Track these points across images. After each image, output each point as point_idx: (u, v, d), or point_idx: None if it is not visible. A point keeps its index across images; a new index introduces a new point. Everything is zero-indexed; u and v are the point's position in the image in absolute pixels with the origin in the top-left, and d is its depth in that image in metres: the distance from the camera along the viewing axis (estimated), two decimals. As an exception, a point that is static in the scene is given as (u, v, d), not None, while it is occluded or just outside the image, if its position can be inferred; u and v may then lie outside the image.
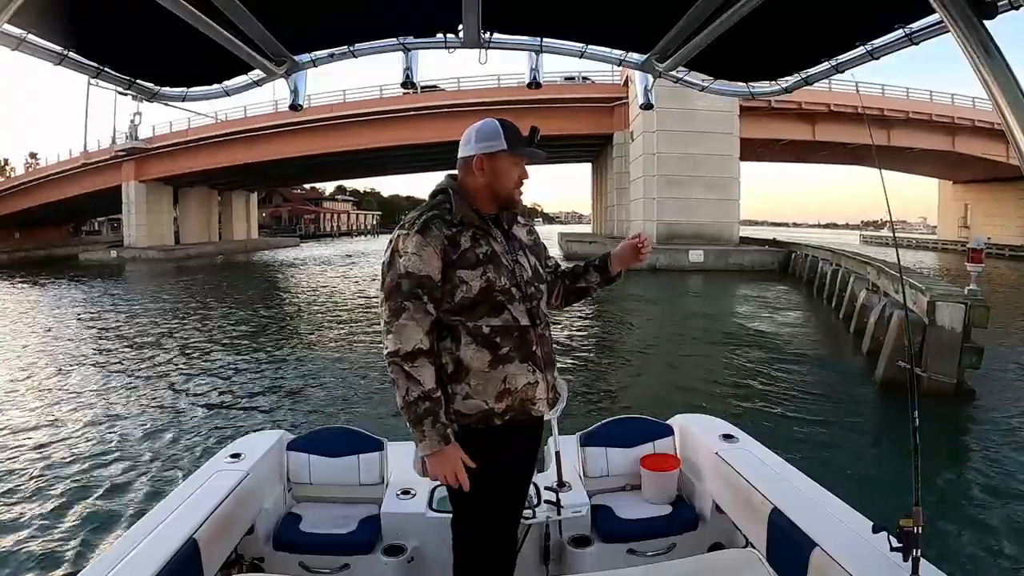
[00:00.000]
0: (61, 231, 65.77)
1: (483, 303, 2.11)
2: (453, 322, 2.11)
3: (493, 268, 2.12)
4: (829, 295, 20.36)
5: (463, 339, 2.10)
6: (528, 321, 2.17)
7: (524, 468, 2.34)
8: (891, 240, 70.11)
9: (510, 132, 2.17)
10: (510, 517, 2.34)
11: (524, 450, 2.30)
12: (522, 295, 2.17)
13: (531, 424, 2.24)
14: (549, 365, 2.25)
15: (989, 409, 9.45)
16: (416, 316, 2.05)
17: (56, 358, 13.49)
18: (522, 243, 2.30)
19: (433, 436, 2.04)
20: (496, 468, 2.14)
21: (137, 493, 6.52)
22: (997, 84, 1.28)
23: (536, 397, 2.19)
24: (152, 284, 31.03)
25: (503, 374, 2.12)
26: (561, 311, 2.58)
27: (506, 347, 2.12)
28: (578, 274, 2.50)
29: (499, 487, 2.20)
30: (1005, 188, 51.81)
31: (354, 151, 47.05)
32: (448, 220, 2.13)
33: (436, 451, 2.05)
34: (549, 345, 2.27)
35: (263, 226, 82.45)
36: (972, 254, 11.61)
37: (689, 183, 35.59)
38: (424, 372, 2.04)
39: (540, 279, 2.30)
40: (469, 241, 2.13)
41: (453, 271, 2.09)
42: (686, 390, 10.60)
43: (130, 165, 50.55)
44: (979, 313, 9.90)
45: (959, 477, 6.92)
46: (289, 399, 10.33)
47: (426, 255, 2.06)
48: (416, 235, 2.08)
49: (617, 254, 2.45)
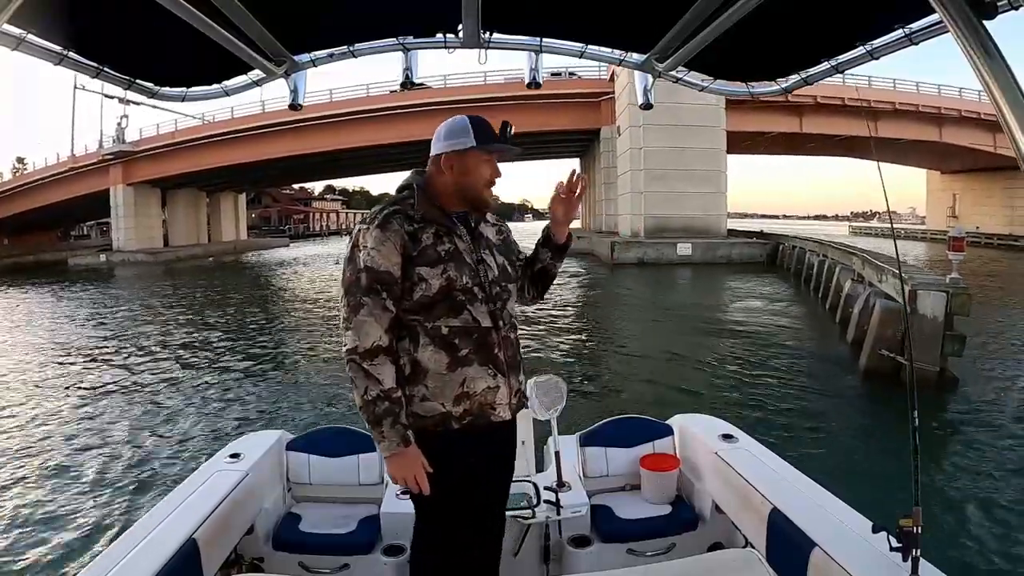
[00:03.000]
0: (50, 236, 65.31)
1: (442, 302, 2.06)
2: (411, 322, 2.07)
3: (455, 266, 2.08)
4: (816, 286, 20.44)
5: (421, 340, 2.06)
6: (490, 323, 2.11)
7: (489, 474, 2.23)
8: (879, 231, 70.51)
9: (480, 128, 2.12)
10: (475, 525, 2.23)
11: (487, 456, 2.19)
12: (485, 295, 2.12)
13: (491, 429, 2.16)
14: (513, 369, 2.18)
15: (971, 397, 9.50)
16: (375, 312, 2.00)
17: (45, 364, 13.43)
18: (489, 242, 2.24)
19: (393, 437, 1.99)
20: (455, 474, 2.09)
21: (137, 493, 6.52)
22: (997, 84, 1.27)
23: (496, 402, 2.12)
24: (142, 288, 30.82)
25: (461, 377, 2.06)
26: (540, 301, 2.52)
27: (465, 349, 2.07)
28: (532, 258, 2.41)
29: (458, 494, 2.13)
30: (992, 178, 52.10)
31: (342, 150, 46.95)
32: (410, 216, 2.09)
33: (396, 453, 2.01)
34: (514, 348, 2.21)
35: (252, 227, 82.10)
36: (953, 242, 11.68)
37: (676, 177, 35.64)
38: (383, 370, 2.00)
39: (508, 279, 2.24)
40: (431, 238, 2.09)
41: (413, 268, 2.05)
42: (670, 383, 10.63)
43: (117, 168, 50.23)
44: (960, 301, 9.95)
45: (943, 465, 6.93)
46: (288, 398, 10.29)
47: (385, 250, 2.02)
48: (376, 230, 2.04)
49: (551, 218, 2.35)
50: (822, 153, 58.13)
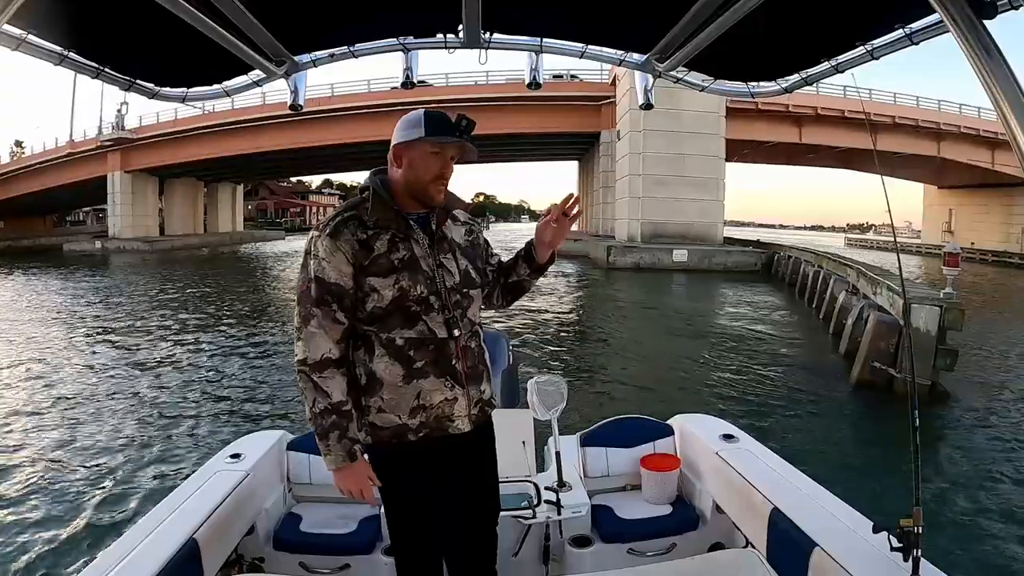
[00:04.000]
0: (46, 221, 65.13)
1: (396, 313, 2.00)
2: (366, 332, 2.03)
3: (408, 275, 2.00)
4: (810, 296, 20.46)
5: (376, 351, 2.02)
6: (446, 333, 2.04)
7: (452, 490, 2.18)
8: (875, 243, 70.81)
9: (434, 121, 2.03)
10: (434, 539, 2.18)
11: (445, 470, 2.15)
12: (441, 304, 2.04)
13: (450, 441, 2.10)
14: (473, 379, 2.11)
15: (962, 410, 9.53)
16: (324, 324, 1.97)
17: (43, 353, 13.36)
18: (453, 244, 2.15)
19: (338, 451, 1.99)
20: (413, 485, 2.09)
21: (137, 493, 6.46)
22: (997, 84, 1.27)
23: (454, 414, 2.07)
24: (138, 276, 30.80)
25: (417, 389, 2.01)
26: (508, 309, 2.46)
27: (420, 361, 2.01)
28: (508, 268, 2.32)
29: (417, 505, 2.11)
30: (990, 194, 52.25)
31: (341, 144, 46.78)
32: (364, 222, 2.02)
33: (341, 467, 2.01)
34: (475, 358, 2.14)
35: (248, 219, 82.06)
36: (948, 258, 11.72)
37: (674, 183, 35.67)
38: (332, 383, 1.97)
39: (471, 284, 2.15)
40: (385, 245, 2.01)
41: (364, 278, 1.99)
42: (657, 389, 10.65)
43: (116, 155, 50.11)
44: (954, 316, 9.98)
45: (933, 476, 6.93)
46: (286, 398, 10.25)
47: (336, 261, 1.97)
48: (327, 239, 1.98)
49: (540, 238, 2.21)
50: (821, 164, 58.20)
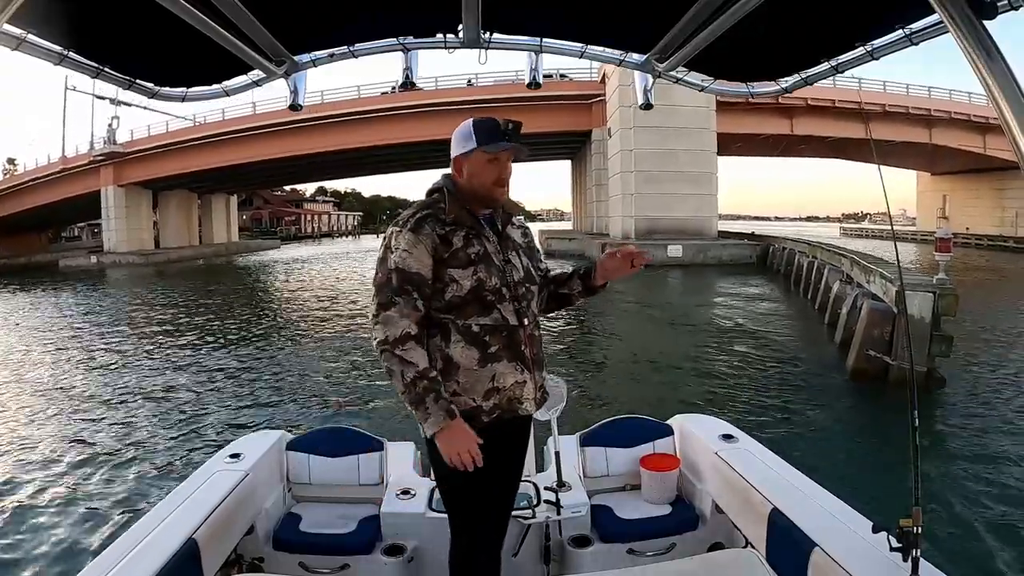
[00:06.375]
0: (41, 237, 64.77)
1: (473, 302, 2.13)
2: (443, 320, 2.14)
3: (484, 268, 2.14)
4: (805, 287, 20.50)
5: (453, 336, 2.13)
6: (516, 321, 2.18)
7: (511, 468, 2.33)
8: (870, 232, 70.92)
9: (483, 130, 2.16)
10: (498, 517, 2.34)
11: (510, 449, 2.30)
12: (512, 295, 2.19)
13: (517, 422, 2.26)
14: (538, 365, 2.26)
15: (958, 397, 9.55)
16: (404, 310, 2.06)
17: (44, 363, 13.44)
18: (515, 244, 2.31)
19: (437, 412, 2.03)
20: (484, 465, 2.13)
21: (136, 493, 6.51)
22: (997, 84, 1.27)
23: (524, 396, 2.21)
24: (134, 289, 30.70)
25: (491, 372, 2.14)
26: (542, 316, 2.56)
27: (495, 346, 2.14)
28: (561, 280, 2.47)
29: (487, 485, 2.19)
30: (982, 179, 52.43)
31: (333, 151, 46.77)
32: (441, 219, 2.15)
33: (444, 427, 2.04)
34: (538, 346, 2.30)
35: (243, 228, 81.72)
36: (940, 243, 11.79)
37: (667, 178, 35.72)
38: (415, 354, 2.05)
39: (532, 280, 2.30)
40: (461, 241, 2.15)
41: (444, 269, 2.12)
42: (652, 382, 10.70)
43: (108, 170, 49.91)
44: (947, 302, 9.99)
45: (928, 465, 6.93)
46: (285, 397, 10.30)
47: (417, 252, 2.09)
48: (409, 233, 2.10)
49: (603, 265, 2.38)
50: (813, 155, 58.31)
